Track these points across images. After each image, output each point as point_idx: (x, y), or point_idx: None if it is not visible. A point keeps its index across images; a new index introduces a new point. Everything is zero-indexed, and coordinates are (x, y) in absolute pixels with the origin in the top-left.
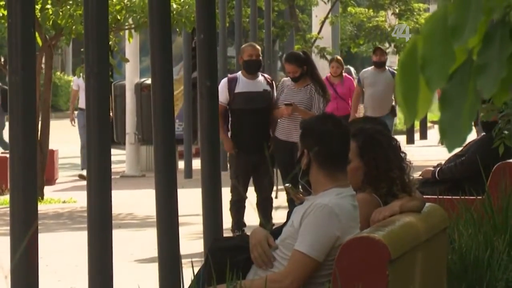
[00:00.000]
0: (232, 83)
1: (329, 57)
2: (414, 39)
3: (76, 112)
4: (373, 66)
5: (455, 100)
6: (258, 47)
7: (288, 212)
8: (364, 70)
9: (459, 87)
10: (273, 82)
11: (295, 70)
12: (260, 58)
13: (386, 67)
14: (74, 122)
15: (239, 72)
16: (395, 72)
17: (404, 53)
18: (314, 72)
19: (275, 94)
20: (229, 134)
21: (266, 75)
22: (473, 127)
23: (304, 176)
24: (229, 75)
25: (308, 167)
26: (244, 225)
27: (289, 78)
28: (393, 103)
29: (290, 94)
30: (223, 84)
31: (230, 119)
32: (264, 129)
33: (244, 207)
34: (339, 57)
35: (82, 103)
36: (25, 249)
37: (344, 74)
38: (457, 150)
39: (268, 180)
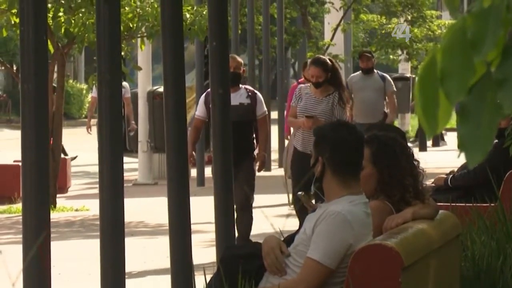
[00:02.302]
0: (208, 96)
1: (341, 64)
2: (433, 52)
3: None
4: (360, 71)
5: (474, 113)
6: (239, 59)
7: (300, 219)
8: (352, 75)
9: (478, 100)
10: (256, 94)
11: (320, 75)
12: (241, 70)
13: (375, 71)
14: (90, 130)
15: None
16: (385, 75)
17: (423, 66)
18: (339, 81)
19: (259, 106)
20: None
21: (249, 87)
22: None
23: (317, 183)
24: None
25: (321, 174)
26: None
27: (307, 85)
28: (385, 110)
29: (311, 104)
30: (201, 98)
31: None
32: (243, 143)
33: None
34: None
35: None
36: (37, 257)
37: None
38: None
39: (244, 194)
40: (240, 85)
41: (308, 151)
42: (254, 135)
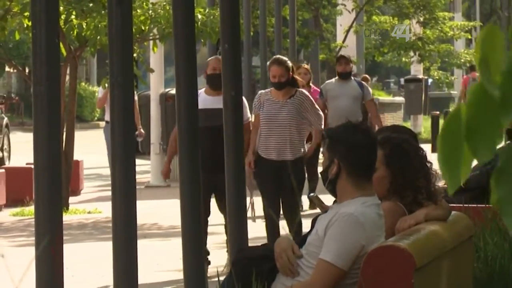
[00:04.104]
0: None
1: (353, 66)
2: (458, 107)
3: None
4: (337, 77)
5: (510, 179)
6: None
7: (312, 220)
8: (327, 81)
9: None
10: (242, 98)
11: (282, 74)
12: None
13: (352, 77)
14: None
15: (203, 88)
16: (362, 83)
17: (447, 120)
18: (298, 83)
19: (243, 111)
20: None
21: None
22: None
23: (331, 185)
24: None
25: (336, 176)
26: (208, 253)
27: (267, 90)
28: (361, 119)
29: (275, 109)
30: None
31: None
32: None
33: (206, 232)
34: (306, 65)
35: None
36: (49, 259)
37: (311, 85)
38: None
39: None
40: None
41: (271, 157)
42: None
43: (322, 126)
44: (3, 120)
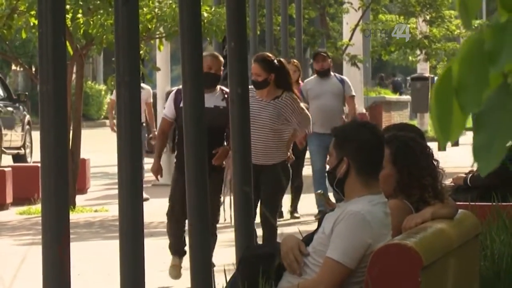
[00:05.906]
0: (179, 95)
1: (360, 65)
2: (450, 63)
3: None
4: (315, 75)
5: (489, 123)
6: (221, 59)
7: (319, 219)
8: (306, 80)
9: (494, 110)
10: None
11: (258, 73)
12: (220, 72)
13: (332, 73)
14: (115, 127)
15: None
16: (343, 78)
17: (440, 77)
18: (288, 84)
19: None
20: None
21: (225, 89)
22: None
23: (340, 184)
24: (180, 87)
25: (345, 175)
26: (185, 251)
27: (250, 88)
28: (343, 116)
29: (257, 108)
30: (170, 97)
31: (177, 136)
32: (213, 150)
33: (183, 240)
34: (295, 61)
35: None
36: (56, 258)
37: (300, 82)
38: None
39: (214, 209)
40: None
41: (259, 162)
42: (226, 144)
43: (310, 130)
44: (25, 117)
